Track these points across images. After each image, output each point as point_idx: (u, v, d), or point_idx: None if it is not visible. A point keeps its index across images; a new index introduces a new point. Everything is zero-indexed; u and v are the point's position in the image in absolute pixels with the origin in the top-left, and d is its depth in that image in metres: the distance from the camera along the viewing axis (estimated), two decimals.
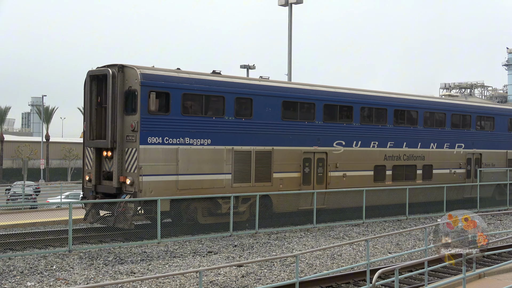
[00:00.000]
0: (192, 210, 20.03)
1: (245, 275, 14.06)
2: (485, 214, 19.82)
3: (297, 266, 11.42)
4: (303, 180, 22.68)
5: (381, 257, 15.72)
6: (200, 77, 20.23)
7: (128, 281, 10.32)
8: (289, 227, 21.81)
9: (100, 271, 14.33)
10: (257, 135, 21.37)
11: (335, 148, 23.65)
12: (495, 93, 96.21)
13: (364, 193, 23.48)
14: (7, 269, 14.33)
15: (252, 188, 21.14)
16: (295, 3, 34.37)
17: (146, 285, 13.02)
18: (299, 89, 22.88)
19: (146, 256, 16.22)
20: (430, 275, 13.95)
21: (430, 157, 27.14)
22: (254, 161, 21.22)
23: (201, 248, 17.55)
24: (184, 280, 13.42)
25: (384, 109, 25.49)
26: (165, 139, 19.18)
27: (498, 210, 27.86)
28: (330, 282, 13.49)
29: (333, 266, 15.37)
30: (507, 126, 31.12)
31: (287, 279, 13.65)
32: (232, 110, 20.74)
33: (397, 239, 19.55)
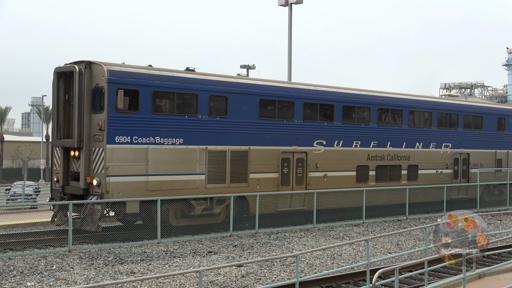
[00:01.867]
0: (164, 212, 19.05)
1: (245, 275, 13.89)
2: (485, 214, 19.39)
3: (297, 266, 11.26)
4: (282, 180, 21.69)
5: (381, 257, 15.52)
6: (171, 74, 19.25)
7: (128, 281, 10.03)
8: (289, 227, 21.37)
9: (100, 271, 14.14)
10: (232, 134, 20.38)
11: (316, 147, 22.64)
12: (495, 93, 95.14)
13: (364, 193, 23.02)
14: (7, 269, 14.10)
15: (227, 189, 20.16)
16: (295, 3, 33.92)
17: (146, 285, 12.87)
18: (277, 87, 21.88)
19: (146, 256, 15.97)
20: (430, 275, 13.84)
21: (416, 157, 26.10)
22: (229, 161, 20.24)
23: (201, 248, 17.26)
24: (184, 280, 13.28)
25: (367, 107, 24.47)
26: (134, 139, 18.22)
27: (498, 210, 27.34)
28: (330, 282, 13.35)
29: (333, 266, 15.18)
30: (496, 125, 30.04)
31: (287, 279, 13.53)
32: (206, 109, 19.76)
33: (397, 239, 19.25)
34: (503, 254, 16.48)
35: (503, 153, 30.10)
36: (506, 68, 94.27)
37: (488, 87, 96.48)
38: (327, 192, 22.51)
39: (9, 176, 70.43)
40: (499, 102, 74.70)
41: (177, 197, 18.70)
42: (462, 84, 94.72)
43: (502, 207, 28.92)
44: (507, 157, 30.24)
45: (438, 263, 12.53)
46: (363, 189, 23.32)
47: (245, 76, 21.75)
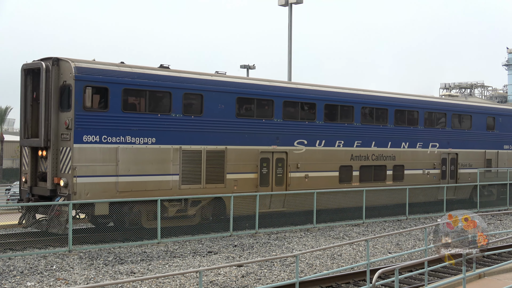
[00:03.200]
0: (136, 214, 18.26)
1: (245, 275, 13.78)
2: (485, 214, 19.05)
3: (297, 266, 11.15)
4: (261, 181, 20.86)
5: (381, 257, 15.39)
6: (143, 71, 18.43)
7: (128, 281, 9.83)
8: (289, 227, 21.06)
9: (100, 271, 13.98)
10: (208, 134, 19.56)
11: (296, 147, 21.81)
12: (495, 93, 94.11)
13: (364, 193, 22.66)
14: (7, 269, 13.93)
15: (203, 190, 19.35)
16: (295, 3, 33.47)
17: (146, 285, 12.77)
18: (256, 85, 21.03)
19: (146, 256, 15.79)
20: (430, 275, 13.80)
21: (402, 157, 25.24)
22: (205, 161, 19.42)
23: (201, 248, 17.07)
24: (184, 280, 13.18)
25: (350, 106, 23.61)
26: (103, 138, 17.41)
27: (498, 210, 26.94)
28: (330, 282, 13.26)
29: (333, 266, 15.08)
30: (485, 124, 29.15)
31: (287, 279, 13.45)
32: (180, 107, 18.94)
33: (397, 239, 19.09)
34: (503, 254, 16.34)
35: (493, 153, 29.22)
36: (506, 68, 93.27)
37: (488, 87, 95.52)
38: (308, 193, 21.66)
39: (9, 176, 69.69)
40: (499, 102, 73.80)
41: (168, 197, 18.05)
42: (462, 84, 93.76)
43: (502, 207, 28.47)
44: (497, 157, 29.35)
45: (438, 263, 12.44)
46: (363, 189, 22.88)
47: (222, 74, 20.85)
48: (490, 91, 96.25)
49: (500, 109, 30.44)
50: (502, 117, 29.87)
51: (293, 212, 21.92)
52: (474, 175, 28.25)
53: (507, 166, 29.82)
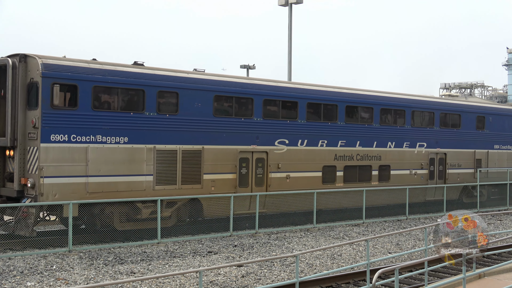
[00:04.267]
0: (108, 215, 17.57)
1: (245, 275, 13.73)
2: (485, 214, 18.76)
3: (297, 266, 11.07)
4: (240, 182, 20.16)
5: (381, 257, 15.33)
6: (115, 69, 17.73)
7: (128, 281, 9.73)
8: (289, 227, 20.90)
9: (100, 271, 13.90)
10: (184, 133, 18.87)
11: (277, 147, 21.10)
12: (495, 93, 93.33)
13: (364, 193, 22.48)
14: (7, 269, 13.80)
15: (179, 191, 18.65)
16: (295, 3, 33.13)
17: (146, 285, 12.71)
18: (235, 82, 20.33)
19: (146, 256, 15.69)
20: (430, 275, 13.77)
21: (388, 157, 24.53)
22: (180, 161, 18.73)
23: (201, 248, 16.96)
24: (184, 280, 13.13)
25: (334, 105, 22.91)
26: (72, 137, 16.72)
27: (498, 210, 26.71)
28: (330, 282, 13.22)
29: (333, 266, 15.03)
30: (475, 124, 28.42)
31: (287, 279, 13.41)
32: (154, 105, 18.25)
33: (397, 239, 19.00)
34: (503, 254, 16.31)
35: (483, 152, 28.49)
36: (506, 68, 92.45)
37: (488, 87, 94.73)
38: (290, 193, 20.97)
39: None
40: (499, 102, 73.10)
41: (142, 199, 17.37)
42: (462, 84, 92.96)
43: (502, 207, 28.14)
44: (487, 157, 28.62)
45: (438, 263, 12.41)
46: (363, 189, 22.51)
47: (200, 72, 20.16)
48: (490, 91, 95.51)
49: (490, 108, 29.72)
50: (493, 116, 29.16)
51: (274, 214, 21.26)
52: (463, 176, 27.55)
53: (497, 166, 29.11)
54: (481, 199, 28.29)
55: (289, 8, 33.55)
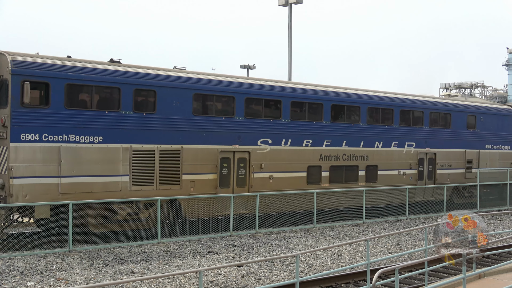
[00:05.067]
0: (82, 217, 16.99)
1: (245, 275, 13.68)
2: (485, 214, 18.48)
3: (297, 266, 10.98)
4: (221, 182, 19.56)
5: (381, 257, 15.26)
6: (89, 66, 17.14)
7: (128, 281, 9.58)
8: (289, 227, 20.76)
9: (100, 271, 13.83)
10: (162, 132, 18.28)
11: (260, 146, 20.51)
12: (495, 93, 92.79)
13: (364, 193, 22.39)
14: (7, 269, 13.71)
15: (156, 191, 18.06)
16: (295, 3, 32.98)
17: (146, 285, 12.67)
18: (215, 81, 19.73)
19: (146, 256, 15.60)
20: (430, 275, 13.74)
21: (375, 157, 23.92)
22: (158, 161, 18.14)
23: (201, 248, 16.86)
24: (184, 280, 13.07)
25: (319, 104, 22.31)
26: (43, 136, 16.14)
27: (498, 210, 26.51)
28: (330, 282, 13.18)
29: (333, 266, 14.98)
30: (466, 123, 27.81)
31: (287, 279, 13.36)
32: (130, 104, 17.67)
33: (397, 239, 18.91)
34: (503, 254, 16.26)
35: (474, 152, 27.88)
36: (506, 68, 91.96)
37: (488, 87, 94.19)
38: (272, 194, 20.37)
39: None
40: (499, 102, 72.54)
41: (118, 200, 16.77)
42: (462, 84, 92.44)
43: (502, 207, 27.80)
44: (478, 157, 28.01)
45: (438, 263, 12.34)
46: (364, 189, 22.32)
47: (181, 69, 19.58)
48: (490, 91, 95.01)
49: (481, 107, 29.10)
50: (484, 115, 28.55)
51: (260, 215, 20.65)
52: (454, 176, 26.95)
53: (489, 166, 28.50)
54: (473, 199, 27.70)
55: (289, 8, 33.43)
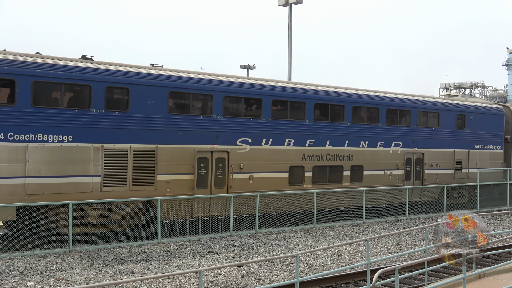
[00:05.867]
0: (52, 219, 16.35)
1: (245, 275, 13.64)
2: (485, 214, 18.05)
3: (297, 266, 10.93)
4: (198, 183, 18.90)
5: (381, 257, 15.17)
6: (58, 63, 16.50)
7: (128, 281, 9.37)
8: (289, 227, 20.64)
9: (100, 271, 13.79)
10: (135, 131, 17.64)
11: (240, 146, 19.86)
12: (495, 93, 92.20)
13: (364, 193, 22.21)
14: (7, 269, 13.65)
15: (130, 192, 17.41)
16: (295, 3, 32.77)
17: (146, 285, 12.63)
18: (192, 78, 19.07)
19: (146, 256, 15.53)
20: (430, 275, 13.74)
21: (360, 157, 23.25)
22: (131, 161, 17.49)
23: (201, 248, 16.79)
24: (184, 280, 13.03)
25: (302, 102, 21.64)
26: (9, 135, 15.50)
27: (498, 210, 26.37)
28: (330, 282, 13.15)
29: (333, 266, 14.93)
30: (455, 122, 27.12)
31: (287, 279, 13.34)
32: (102, 102, 17.02)
33: (397, 239, 18.88)
34: (503, 254, 16.23)
35: (463, 152, 27.19)
36: (506, 68, 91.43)
37: (488, 87, 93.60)
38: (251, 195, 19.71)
39: None
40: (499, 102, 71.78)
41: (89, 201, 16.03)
42: (462, 84, 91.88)
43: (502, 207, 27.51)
44: (468, 156, 27.31)
45: (438, 263, 12.34)
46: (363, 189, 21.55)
47: (157, 67, 18.94)
48: (490, 91, 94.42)
49: (471, 106, 28.39)
50: (474, 114, 27.86)
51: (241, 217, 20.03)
52: (442, 176, 26.27)
53: (479, 166, 27.80)
54: (462, 200, 27.03)
55: (289, 8, 33.15)
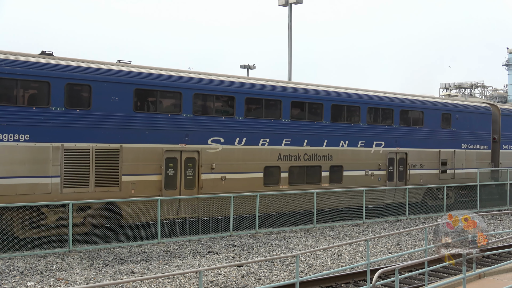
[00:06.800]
0: (7, 222, 15.51)
1: (245, 275, 13.59)
2: (485, 214, 17.77)
3: (297, 266, 10.87)
4: (166, 184, 18.05)
5: (381, 257, 15.11)
6: (13, 58, 15.66)
7: (128, 281, 9.29)
8: (289, 227, 20.46)
9: (100, 271, 13.73)
10: (98, 130, 16.80)
11: (211, 145, 19.00)
12: (495, 93, 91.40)
13: (364, 193, 21.91)
14: (7, 269, 13.56)
15: (92, 194, 16.57)
16: (295, 3, 32.44)
17: (146, 285, 12.58)
18: (159, 75, 18.20)
19: (146, 256, 15.45)
20: (430, 275, 13.71)
21: (340, 156, 22.37)
22: (93, 161, 16.64)
23: (201, 248, 16.70)
24: (184, 280, 12.99)
25: (277, 100, 20.78)
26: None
27: (498, 210, 26.17)
28: (330, 282, 13.11)
29: (333, 266, 14.89)
30: (440, 121, 26.22)
31: (287, 279, 13.30)
32: (62, 99, 16.18)
33: (397, 239, 18.79)
34: (503, 254, 16.19)
35: (449, 152, 26.29)
36: (506, 68, 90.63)
37: (488, 87, 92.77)
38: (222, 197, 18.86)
39: None
40: (499, 102, 70.98)
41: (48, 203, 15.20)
42: (462, 84, 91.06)
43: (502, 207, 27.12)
44: (453, 156, 26.42)
45: (438, 263, 12.30)
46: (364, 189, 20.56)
47: (118, 63, 18.08)
48: (490, 91, 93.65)
49: (457, 105, 27.48)
50: (460, 113, 26.97)
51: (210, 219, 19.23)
52: (427, 177, 25.38)
53: (465, 166, 26.92)
54: (448, 201, 26.13)
55: (289, 8, 32.77)
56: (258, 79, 20.85)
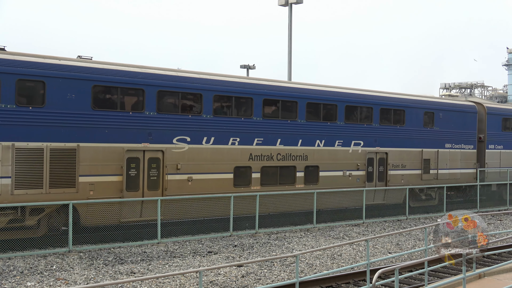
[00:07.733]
0: None
1: (245, 275, 13.51)
2: (485, 214, 17.30)
3: (297, 266, 10.77)
4: (127, 185, 17.12)
5: (381, 257, 14.98)
6: None
7: (128, 281, 9.16)
8: (289, 227, 20.27)
9: (100, 271, 13.64)
10: (53, 129, 15.88)
11: (176, 145, 18.08)
12: (495, 93, 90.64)
13: (364, 193, 21.98)
14: (7, 269, 13.46)
15: (46, 195, 15.64)
16: (295, 3, 32.17)
17: (146, 285, 12.51)
18: (120, 71, 17.29)
19: (146, 256, 15.36)
20: (430, 275, 13.66)
21: (316, 156, 21.43)
22: (48, 161, 15.72)
23: (201, 248, 16.59)
24: (184, 280, 12.91)
25: (248, 98, 19.86)
26: None
27: (498, 210, 25.91)
28: (330, 282, 13.05)
29: (333, 266, 14.80)
30: (422, 120, 25.27)
31: (287, 279, 13.25)
32: (12, 96, 15.28)
33: (397, 239, 18.70)
34: (503, 254, 16.14)
35: (431, 152, 25.33)
36: (506, 68, 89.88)
37: (488, 87, 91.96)
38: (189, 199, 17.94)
39: None
40: (499, 102, 70.12)
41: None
42: (462, 84, 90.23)
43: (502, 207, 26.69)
44: (437, 156, 25.46)
45: (438, 263, 12.27)
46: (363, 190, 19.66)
47: (85, 59, 17.19)
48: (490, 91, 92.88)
49: (440, 103, 26.53)
50: (443, 112, 26.02)
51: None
52: (408, 177, 24.42)
53: (449, 166, 25.96)
54: (431, 202, 25.18)
55: (289, 8, 32.41)
56: (227, 75, 19.91)
